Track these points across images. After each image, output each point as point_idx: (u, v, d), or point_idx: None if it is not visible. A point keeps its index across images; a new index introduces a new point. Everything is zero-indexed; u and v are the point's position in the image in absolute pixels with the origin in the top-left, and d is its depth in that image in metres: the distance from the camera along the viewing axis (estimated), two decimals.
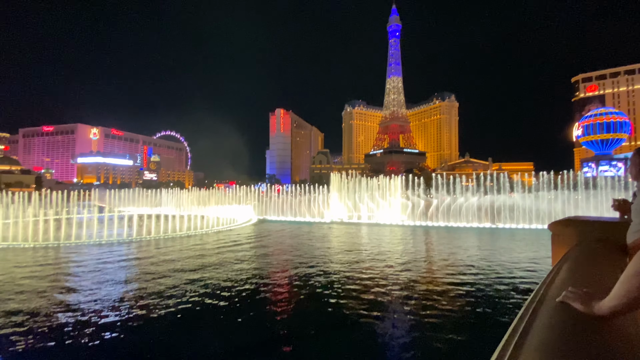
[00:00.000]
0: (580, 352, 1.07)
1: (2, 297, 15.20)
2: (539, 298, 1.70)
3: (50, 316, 12.82)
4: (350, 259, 24.16)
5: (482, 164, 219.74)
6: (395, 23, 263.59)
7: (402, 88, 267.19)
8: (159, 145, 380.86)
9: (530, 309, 1.56)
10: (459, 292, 15.98)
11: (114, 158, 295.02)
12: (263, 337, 11.59)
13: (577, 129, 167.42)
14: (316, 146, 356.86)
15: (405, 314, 13.57)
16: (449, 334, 11.50)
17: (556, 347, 1.12)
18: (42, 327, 11.81)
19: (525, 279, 18.13)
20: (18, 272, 19.95)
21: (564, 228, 4.33)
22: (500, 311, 13.68)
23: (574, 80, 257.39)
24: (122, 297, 15.15)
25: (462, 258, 24.59)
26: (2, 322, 12.22)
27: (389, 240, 34.19)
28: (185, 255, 25.43)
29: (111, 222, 40.84)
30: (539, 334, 1.25)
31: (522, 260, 23.67)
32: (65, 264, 22.50)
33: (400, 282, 17.74)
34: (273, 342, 11.19)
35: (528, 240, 33.61)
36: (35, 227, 33.77)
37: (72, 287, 16.86)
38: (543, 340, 1.20)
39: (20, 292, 15.84)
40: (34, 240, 30.66)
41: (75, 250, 27.80)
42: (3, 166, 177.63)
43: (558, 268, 2.38)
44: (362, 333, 11.69)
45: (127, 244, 30.56)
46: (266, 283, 17.86)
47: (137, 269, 21.07)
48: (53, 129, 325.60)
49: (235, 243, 31.64)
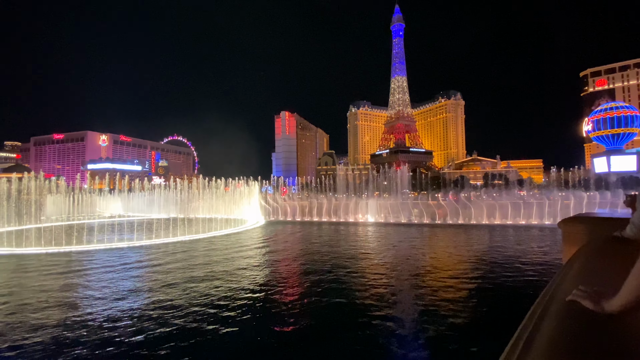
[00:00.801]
0: (589, 351, 1.04)
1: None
2: (549, 296, 1.67)
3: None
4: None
5: (490, 161, 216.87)
6: (398, 22, 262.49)
7: (407, 87, 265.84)
8: (166, 150, 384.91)
9: (540, 308, 1.52)
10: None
11: (123, 164, 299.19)
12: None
13: (586, 124, 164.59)
14: (322, 148, 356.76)
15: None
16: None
17: (565, 347, 1.10)
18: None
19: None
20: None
21: (574, 226, 4.22)
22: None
23: (582, 75, 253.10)
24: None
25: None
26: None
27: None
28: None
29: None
30: (549, 333, 1.22)
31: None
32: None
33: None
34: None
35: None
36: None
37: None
38: (552, 340, 1.17)
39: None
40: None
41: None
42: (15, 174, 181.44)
43: (569, 266, 2.35)
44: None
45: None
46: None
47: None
48: (63, 136, 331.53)
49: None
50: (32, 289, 17.83)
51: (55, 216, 65.56)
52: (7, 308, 14.80)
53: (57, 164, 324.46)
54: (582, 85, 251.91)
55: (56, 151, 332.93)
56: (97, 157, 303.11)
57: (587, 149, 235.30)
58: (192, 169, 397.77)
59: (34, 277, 20.56)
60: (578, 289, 1.60)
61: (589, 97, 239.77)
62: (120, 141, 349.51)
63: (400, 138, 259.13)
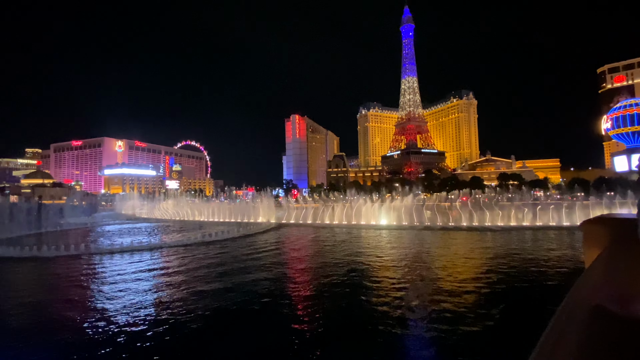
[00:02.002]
0: (621, 357, 1.01)
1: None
2: (573, 301, 1.60)
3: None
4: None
5: (504, 162, 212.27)
6: (408, 23, 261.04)
7: (418, 88, 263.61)
8: (179, 155, 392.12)
9: (565, 313, 1.46)
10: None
11: (138, 169, 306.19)
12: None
13: (605, 122, 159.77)
14: (332, 150, 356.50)
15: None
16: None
17: (595, 353, 1.06)
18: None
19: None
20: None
21: (596, 227, 4.19)
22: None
23: (599, 71, 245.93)
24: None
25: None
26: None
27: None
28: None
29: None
30: (576, 339, 1.18)
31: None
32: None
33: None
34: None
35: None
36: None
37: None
38: (581, 345, 1.14)
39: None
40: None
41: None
42: (37, 180, 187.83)
43: (592, 269, 2.24)
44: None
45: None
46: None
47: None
48: (82, 143, 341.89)
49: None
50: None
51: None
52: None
53: (75, 169, 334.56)
54: (600, 82, 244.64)
55: (75, 157, 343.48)
56: (114, 163, 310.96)
57: (606, 147, 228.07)
58: (204, 173, 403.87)
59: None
60: (603, 292, 1.52)
61: (606, 94, 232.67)
62: (136, 147, 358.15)
63: (412, 139, 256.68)
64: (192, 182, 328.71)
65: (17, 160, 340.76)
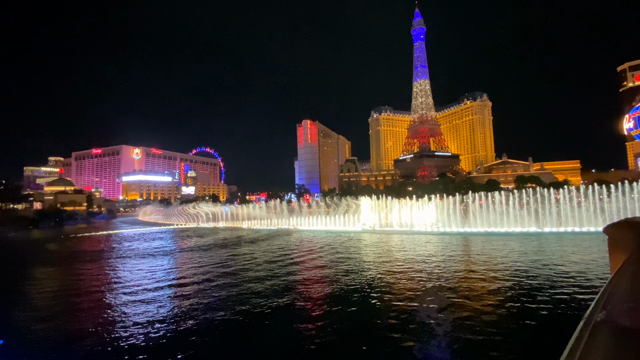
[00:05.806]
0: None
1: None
2: (600, 310, 1.51)
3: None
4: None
5: (521, 164, 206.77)
6: (419, 26, 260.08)
7: (430, 90, 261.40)
8: (194, 162, 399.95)
9: (591, 324, 1.37)
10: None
11: (154, 175, 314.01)
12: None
13: (627, 122, 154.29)
14: (344, 154, 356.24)
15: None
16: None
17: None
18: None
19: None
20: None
21: (622, 231, 3.92)
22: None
23: (620, 70, 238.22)
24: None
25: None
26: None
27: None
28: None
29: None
30: (603, 354, 1.09)
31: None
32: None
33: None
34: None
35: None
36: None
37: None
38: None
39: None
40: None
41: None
42: (59, 187, 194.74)
43: (618, 277, 2.14)
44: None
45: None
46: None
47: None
48: (101, 151, 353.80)
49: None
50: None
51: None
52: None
53: (95, 176, 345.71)
54: (620, 80, 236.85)
55: (94, 165, 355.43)
56: (131, 170, 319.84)
57: (629, 147, 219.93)
58: (218, 179, 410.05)
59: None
60: (632, 302, 1.45)
61: (628, 93, 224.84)
62: (152, 154, 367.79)
63: (425, 142, 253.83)
64: (207, 188, 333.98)
65: (41, 168, 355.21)
